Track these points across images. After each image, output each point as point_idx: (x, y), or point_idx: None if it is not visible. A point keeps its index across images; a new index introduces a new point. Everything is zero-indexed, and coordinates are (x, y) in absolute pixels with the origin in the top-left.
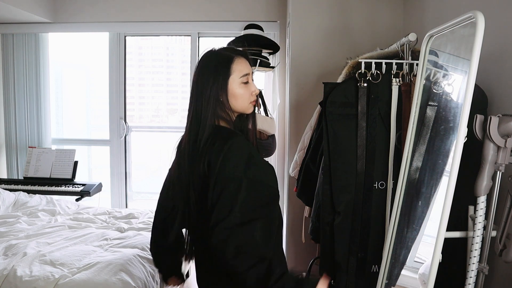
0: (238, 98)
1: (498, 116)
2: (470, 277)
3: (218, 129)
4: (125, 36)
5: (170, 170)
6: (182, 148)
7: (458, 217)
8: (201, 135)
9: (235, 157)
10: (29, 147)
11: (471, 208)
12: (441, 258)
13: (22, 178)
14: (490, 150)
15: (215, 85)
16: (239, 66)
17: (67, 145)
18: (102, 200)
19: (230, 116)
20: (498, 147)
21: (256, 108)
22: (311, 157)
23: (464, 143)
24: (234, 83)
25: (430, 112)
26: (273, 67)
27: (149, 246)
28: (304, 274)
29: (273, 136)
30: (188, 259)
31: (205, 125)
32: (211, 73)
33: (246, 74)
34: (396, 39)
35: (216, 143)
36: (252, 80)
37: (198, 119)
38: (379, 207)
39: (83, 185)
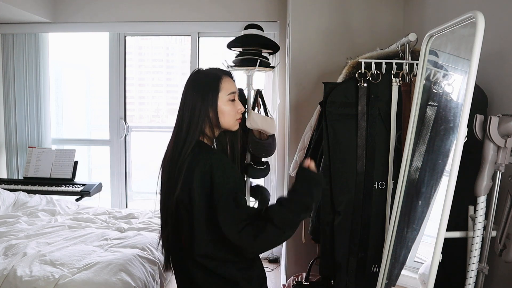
0: (226, 114)
1: (498, 116)
2: (470, 277)
3: (200, 144)
4: (125, 36)
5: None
6: (166, 163)
7: (458, 217)
8: (186, 148)
9: (220, 169)
10: (29, 147)
11: (471, 208)
12: (441, 258)
13: (22, 178)
14: (490, 150)
15: (204, 101)
16: (227, 85)
17: (67, 145)
18: (102, 200)
19: (214, 133)
20: (498, 147)
21: (256, 108)
22: (311, 157)
23: (464, 143)
24: (222, 100)
25: (430, 112)
26: (273, 67)
27: (149, 246)
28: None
29: (273, 136)
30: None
31: (191, 140)
32: (200, 90)
33: (233, 92)
34: (396, 39)
35: (200, 155)
36: (238, 99)
37: (183, 134)
38: (379, 207)
39: (83, 185)
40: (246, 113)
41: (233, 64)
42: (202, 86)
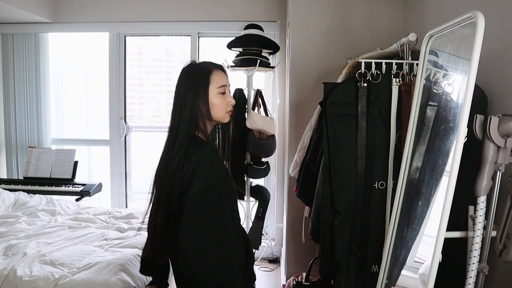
0: (216, 107)
1: (498, 116)
2: (470, 277)
3: (194, 138)
4: (125, 36)
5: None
6: (162, 156)
7: (458, 217)
8: (179, 141)
9: (204, 170)
10: (29, 147)
11: (471, 208)
12: (441, 258)
13: (22, 178)
14: (490, 150)
15: (195, 94)
16: (217, 78)
17: (67, 145)
18: (102, 200)
19: (207, 126)
20: (498, 147)
21: (256, 108)
22: (311, 157)
23: (464, 143)
24: (212, 93)
25: (430, 112)
26: (273, 67)
27: None
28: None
29: (273, 136)
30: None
31: (184, 132)
32: (191, 83)
33: (223, 85)
34: (396, 39)
35: (194, 154)
36: (229, 92)
37: (176, 127)
38: (379, 207)
39: (83, 185)
40: (246, 113)
41: (233, 64)
42: (193, 79)
